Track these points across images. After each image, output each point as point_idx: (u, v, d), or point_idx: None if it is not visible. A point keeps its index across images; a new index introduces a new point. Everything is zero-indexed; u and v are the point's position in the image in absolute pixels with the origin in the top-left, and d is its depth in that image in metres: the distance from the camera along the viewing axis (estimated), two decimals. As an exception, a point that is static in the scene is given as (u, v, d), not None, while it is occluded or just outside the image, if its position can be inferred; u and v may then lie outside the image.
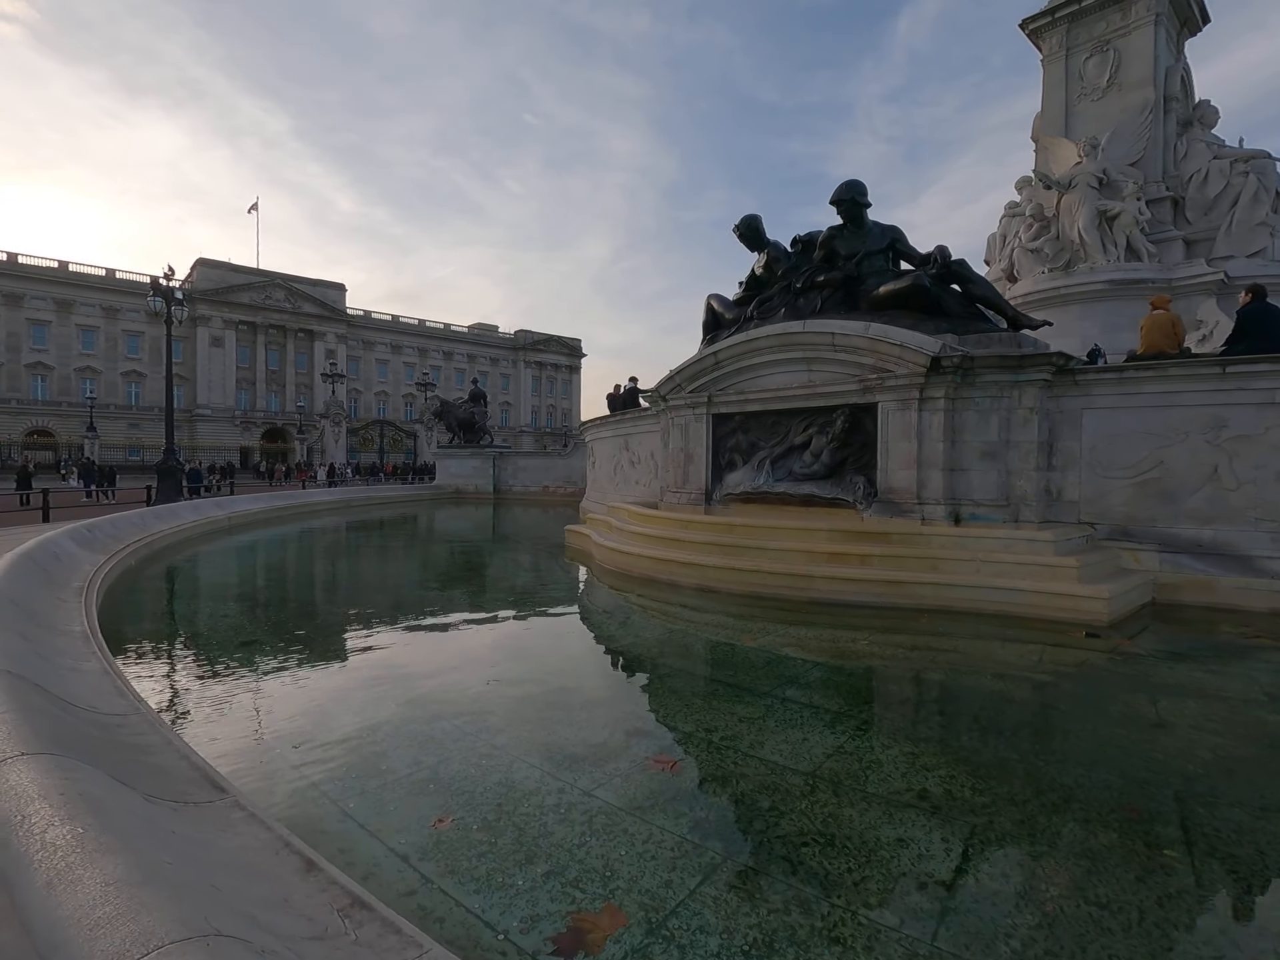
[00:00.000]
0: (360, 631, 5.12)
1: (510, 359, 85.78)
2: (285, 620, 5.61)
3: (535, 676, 4.06)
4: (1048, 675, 4.11)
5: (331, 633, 5.16)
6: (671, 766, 2.83)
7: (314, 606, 6.33)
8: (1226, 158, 14.12)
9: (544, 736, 3.14)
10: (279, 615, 5.81)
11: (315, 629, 5.33)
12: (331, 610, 6.10)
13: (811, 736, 3.17)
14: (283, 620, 5.59)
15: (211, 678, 3.98)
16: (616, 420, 12.54)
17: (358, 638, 4.94)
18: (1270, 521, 5.58)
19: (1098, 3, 15.67)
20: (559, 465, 23.17)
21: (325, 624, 5.49)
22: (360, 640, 4.87)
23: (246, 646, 4.63)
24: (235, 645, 4.68)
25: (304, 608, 6.23)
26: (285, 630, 5.20)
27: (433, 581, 7.72)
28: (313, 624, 5.52)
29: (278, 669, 4.15)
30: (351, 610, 5.95)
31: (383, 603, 6.28)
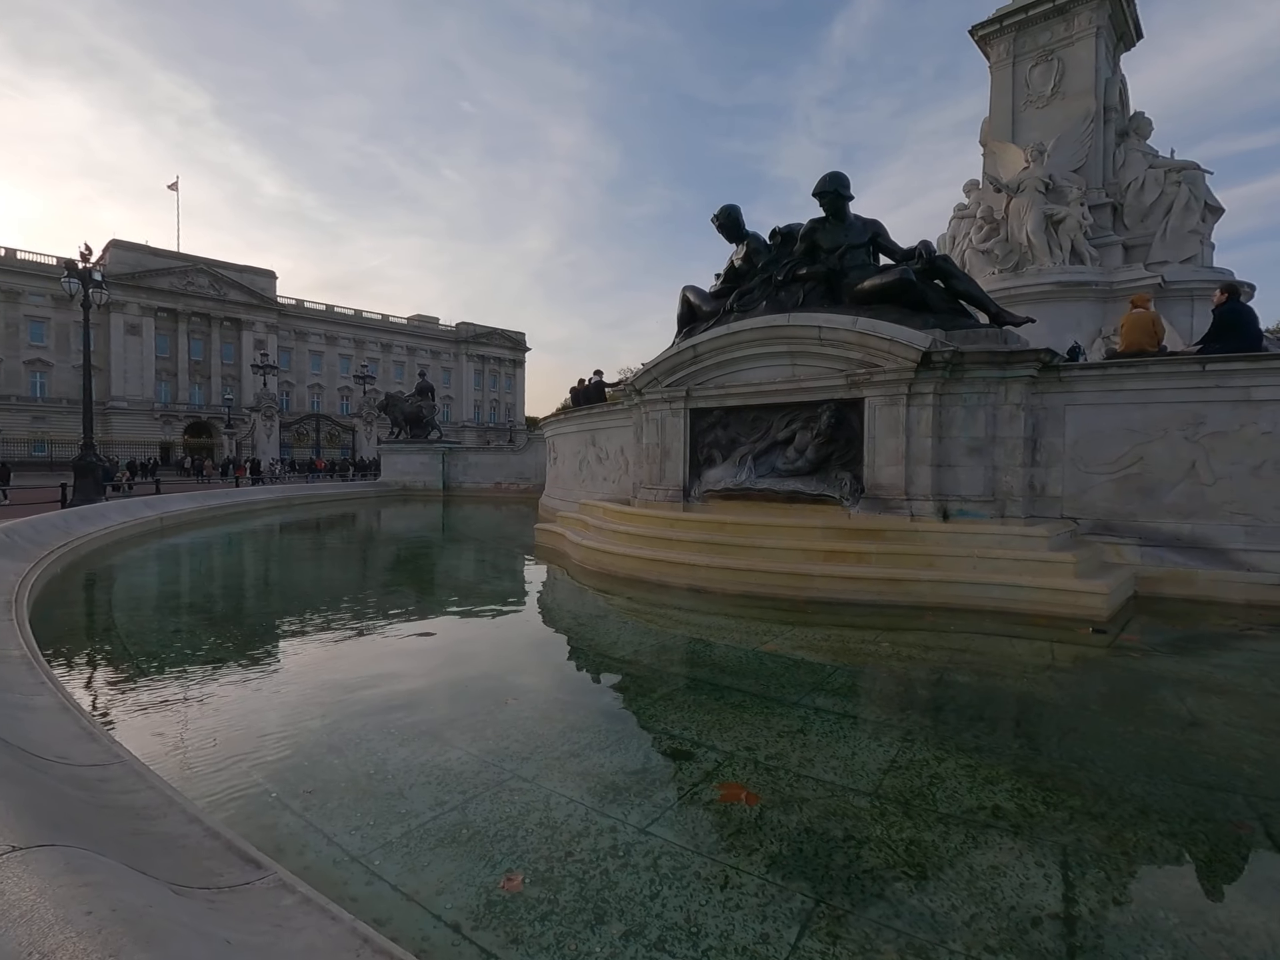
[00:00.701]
0: (340, 645, 4.66)
1: (452, 352, 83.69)
2: (248, 634, 5.07)
3: (548, 693, 3.75)
4: (1067, 673, 4.07)
5: (304, 648, 4.68)
6: (729, 794, 2.58)
7: (275, 617, 5.78)
8: (1161, 167, 14.85)
9: (576, 765, 2.84)
10: (240, 629, 5.26)
11: (282, 643, 4.83)
12: (298, 622, 5.56)
13: (860, 751, 2.99)
14: (245, 634, 5.06)
15: (179, 703, 3.49)
16: (582, 415, 12.19)
17: (338, 653, 4.49)
18: (1244, 515, 5.77)
19: (1043, 13, 16.21)
20: (512, 461, 22.56)
21: (294, 638, 4.99)
22: (344, 656, 4.42)
23: (211, 665, 4.13)
24: (197, 663, 4.16)
25: (265, 619, 5.69)
26: (251, 645, 4.68)
27: (405, 588, 7.19)
28: (278, 638, 5.00)
29: (254, 691, 3.69)
30: (323, 621, 5.44)
31: (359, 612, 5.79)
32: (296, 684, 3.84)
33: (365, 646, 4.62)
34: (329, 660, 4.32)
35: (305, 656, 4.44)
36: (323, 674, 4.03)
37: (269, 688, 3.78)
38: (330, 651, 4.50)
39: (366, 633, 4.97)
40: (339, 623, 5.27)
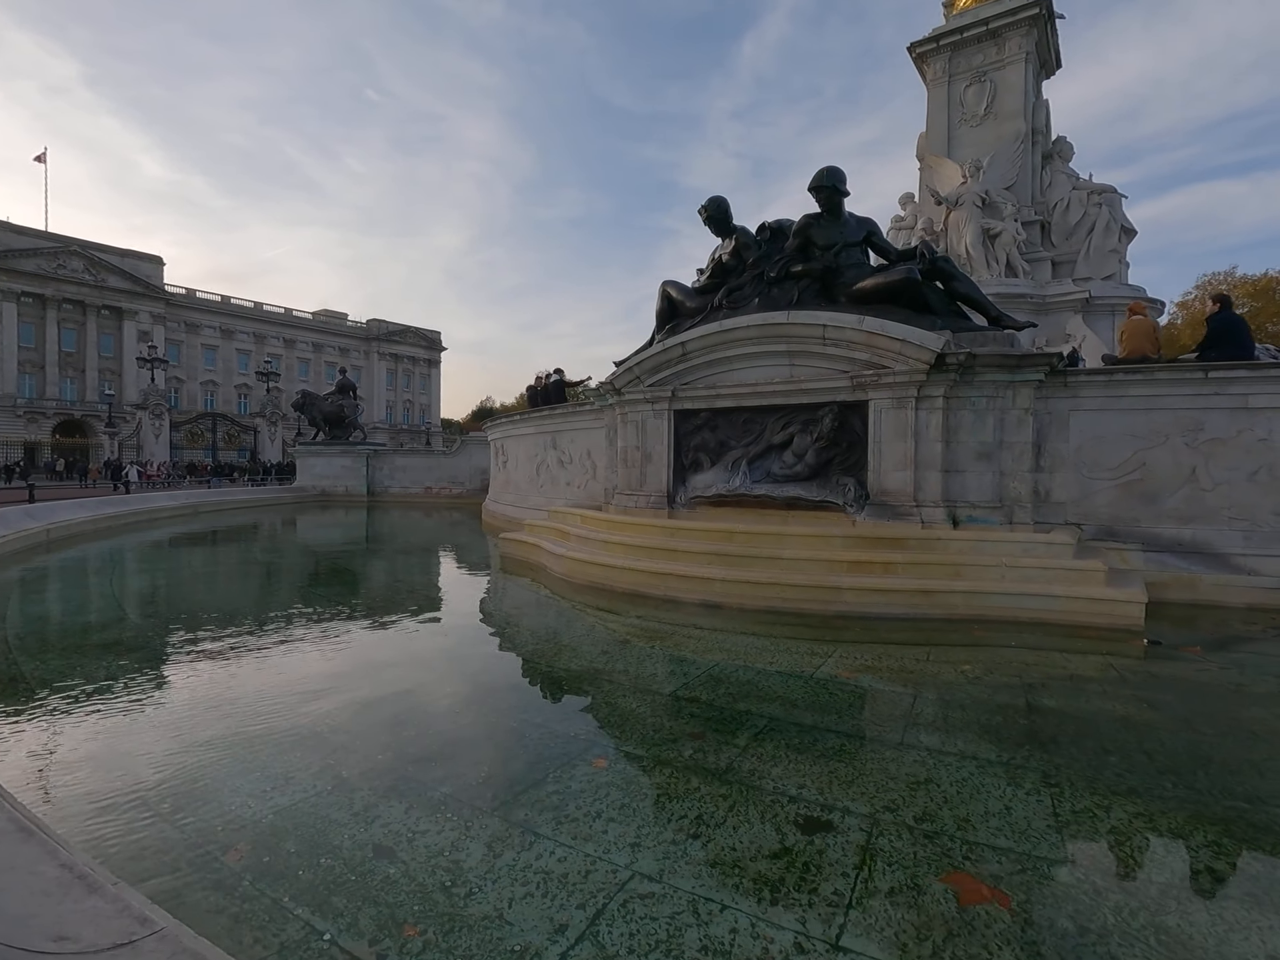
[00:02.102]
0: (308, 686, 3.83)
1: (362, 350, 79.64)
2: (179, 677, 4.12)
3: (618, 746, 3.13)
4: (1147, 689, 3.85)
5: (266, 690, 3.81)
6: (971, 894, 2.08)
7: (210, 653, 4.79)
8: (1084, 189, 15.78)
9: (700, 850, 2.28)
10: (167, 671, 4.29)
11: (229, 685, 3.93)
12: (243, 657, 4.61)
13: (1014, 804, 2.58)
14: (177, 677, 4.10)
15: (128, 786, 2.64)
16: (541, 416, 11.46)
17: (308, 693, 3.67)
18: (1242, 520, 5.89)
19: (976, 36, 16.89)
20: (444, 465, 21.32)
21: (246, 679, 4.08)
22: (313, 696, 3.61)
23: (142, 711, 3.24)
24: (131, 713, 3.26)
25: (199, 655, 4.70)
26: (192, 694, 3.77)
27: (375, 611, 6.22)
28: (223, 680, 4.08)
29: (197, 761, 2.87)
30: (277, 654, 4.53)
31: (328, 638, 4.89)
32: (260, 735, 3.04)
33: (379, 701, 3.83)
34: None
35: (258, 704, 3.60)
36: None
37: (219, 748, 2.97)
38: (291, 694, 3.68)
39: (358, 667, 4.15)
40: (287, 655, 4.40)
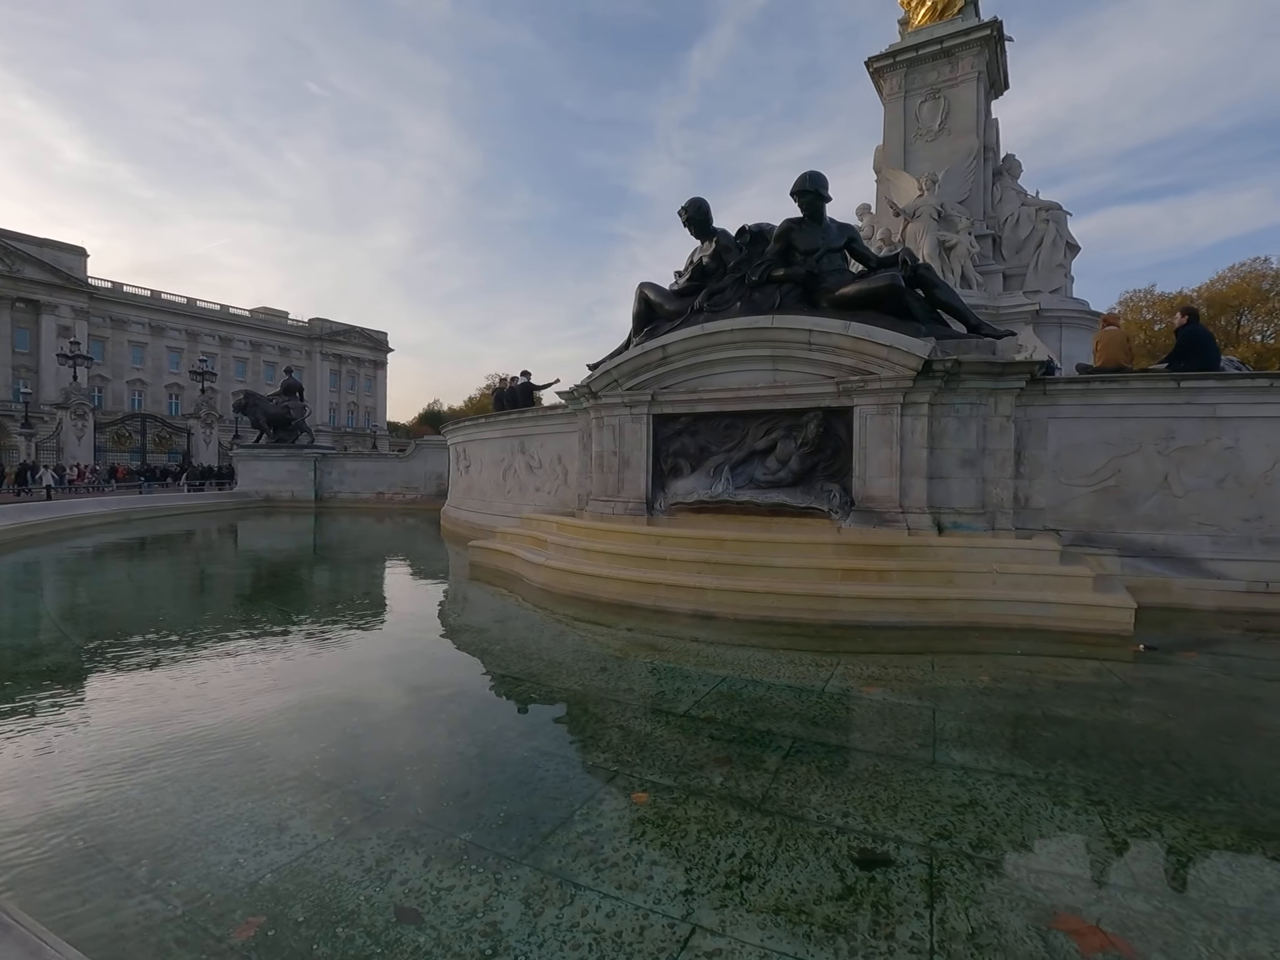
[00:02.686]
0: (286, 716, 3.47)
1: (304, 350, 76.90)
2: (141, 720, 3.69)
3: (643, 775, 2.91)
4: (1158, 697, 3.86)
5: (243, 721, 3.43)
6: (1090, 940, 1.94)
7: (169, 684, 4.33)
8: (1032, 206, 16.40)
9: (759, 896, 2.09)
10: (118, 706, 3.84)
11: (199, 718, 3.53)
12: (208, 682, 4.16)
13: (1066, 825, 2.50)
14: (132, 712, 3.67)
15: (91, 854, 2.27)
16: (507, 419, 11.11)
17: (286, 726, 3.33)
18: (1211, 526, 6.09)
19: (931, 54, 17.38)
20: (397, 469, 20.57)
21: (223, 709, 3.68)
22: (292, 729, 3.27)
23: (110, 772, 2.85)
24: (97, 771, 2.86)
25: (165, 691, 4.23)
26: (158, 736, 3.36)
27: (343, 627, 5.82)
28: (192, 714, 3.67)
29: (175, 823, 2.53)
30: (247, 679, 4.12)
31: (294, 668, 4.49)
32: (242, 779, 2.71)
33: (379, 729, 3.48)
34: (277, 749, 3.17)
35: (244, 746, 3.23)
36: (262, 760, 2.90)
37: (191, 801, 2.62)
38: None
39: (337, 694, 3.80)
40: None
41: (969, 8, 17.86)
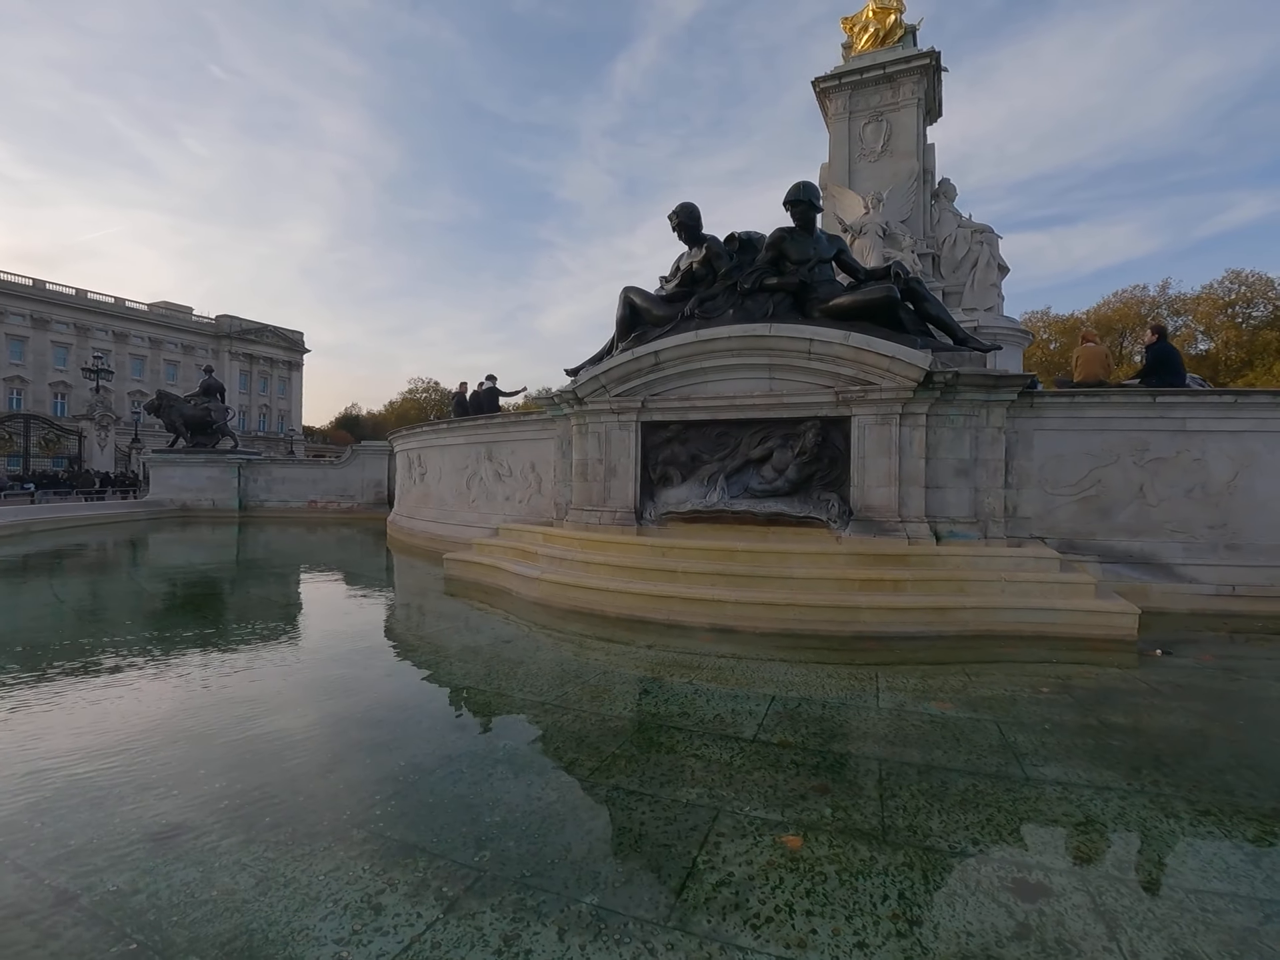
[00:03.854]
0: (357, 766, 3.06)
1: (210, 348, 72.05)
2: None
3: (740, 810, 2.70)
4: (1191, 700, 3.98)
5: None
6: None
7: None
8: (968, 228, 17.31)
9: (937, 939, 1.93)
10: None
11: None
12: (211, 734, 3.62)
13: (1195, 842, 2.47)
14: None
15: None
16: (473, 425, 10.61)
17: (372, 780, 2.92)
18: (1182, 533, 6.47)
19: (874, 78, 18.09)
20: (331, 477, 19.39)
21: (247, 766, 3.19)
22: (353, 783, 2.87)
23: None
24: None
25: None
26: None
27: (332, 654, 5.27)
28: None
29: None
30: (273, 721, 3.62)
31: (312, 705, 3.99)
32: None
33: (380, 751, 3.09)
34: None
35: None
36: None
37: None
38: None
39: (363, 738, 3.38)
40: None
41: (908, 37, 18.76)
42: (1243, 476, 6.34)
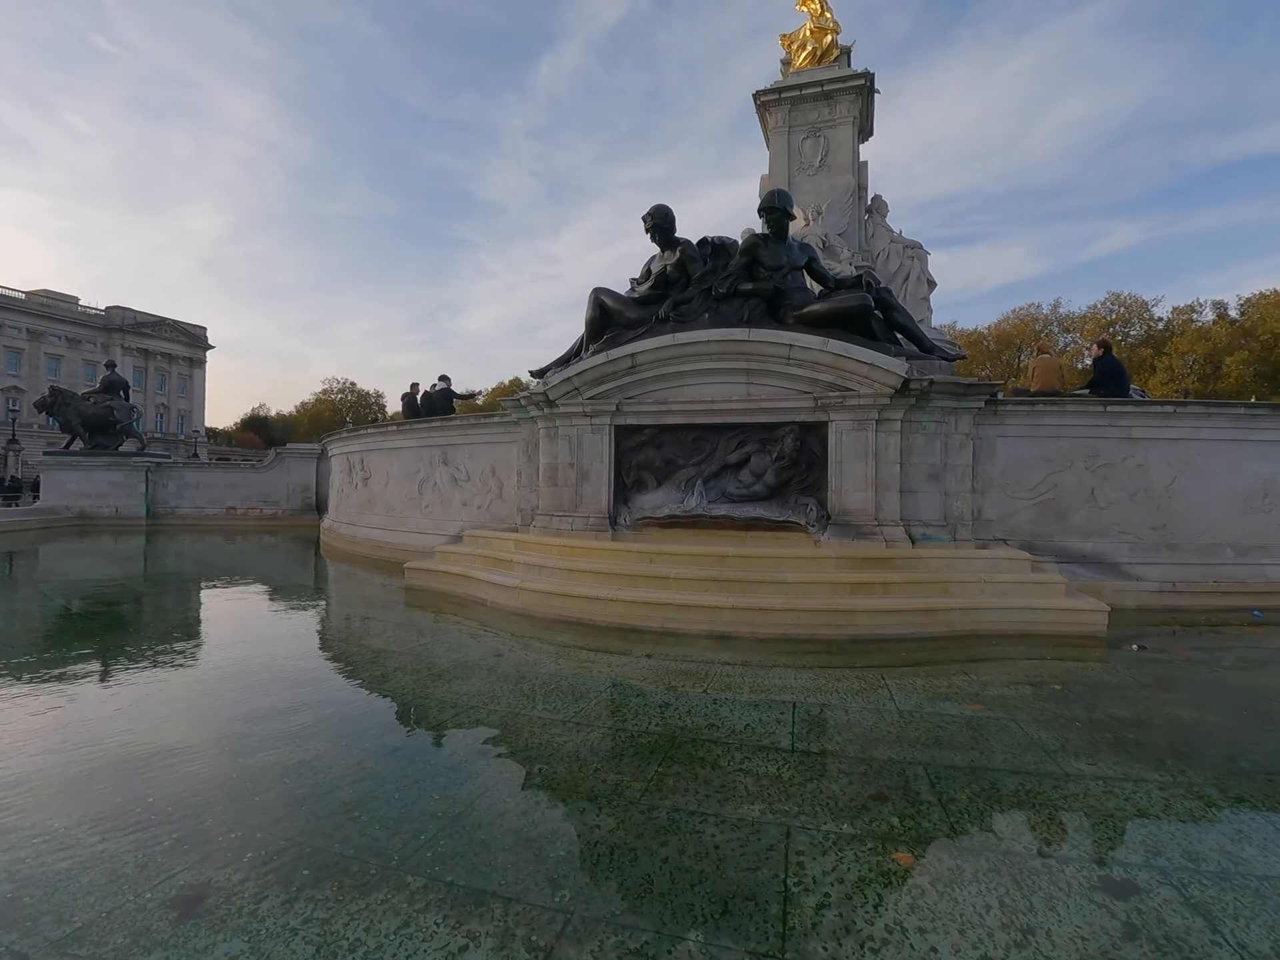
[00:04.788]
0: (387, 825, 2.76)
1: (100, 342, 66.38)
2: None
3: (811, 825, 2.61)
4: (1180, 691, 4.24)
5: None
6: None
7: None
8: (899, 243, 18.14)
9: (1054, 948, 1.91)
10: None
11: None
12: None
13: (1244, 829, 2.58)
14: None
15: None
16: (427, 428, 10.13)
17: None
18: (1128, 535, 6.93)
19: (812, 95, 18.70)
20: (253, 481, 18.10)
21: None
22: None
23: None
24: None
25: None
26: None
27: (362, 679, 4.77)
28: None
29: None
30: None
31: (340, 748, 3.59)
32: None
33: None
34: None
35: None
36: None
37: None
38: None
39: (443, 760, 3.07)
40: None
41: (843, 57, 19.53)
42: (1179, 481, 6.87)
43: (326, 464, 16.32)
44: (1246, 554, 6.87)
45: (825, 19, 19.68)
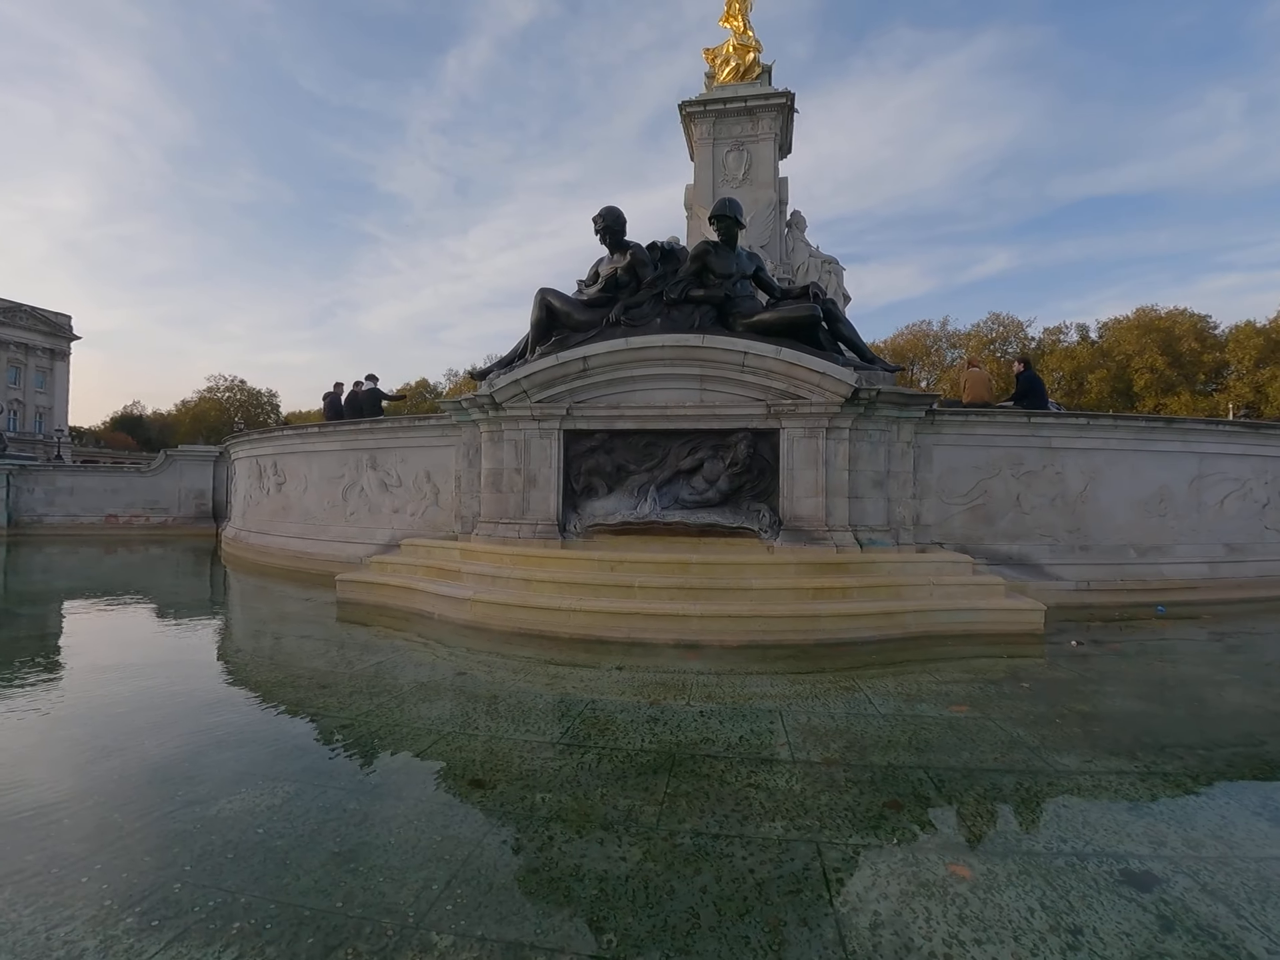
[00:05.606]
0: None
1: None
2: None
3: (839, 840, 2.56)
4: (1126, 684, 4.53)
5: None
6: None
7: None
8: (818, 258, 18.89)
9: (1108, 949, 1.95)
10: None
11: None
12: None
13: (1229, 816, 2.76)
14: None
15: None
16: (353, 430, 9.49)
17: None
18: (1048, 537, 7.45)
19: (736, 110, 19.18)
20: (138, 486, 16.37)
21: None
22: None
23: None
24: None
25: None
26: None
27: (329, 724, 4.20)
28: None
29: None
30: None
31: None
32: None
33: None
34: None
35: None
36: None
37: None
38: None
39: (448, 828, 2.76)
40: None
41: (765, 75, 20.17)
42: (1091, 488, 7.47)
43: (227, 468, 15.03)
44: (1146, 554, 7.57)
45: (748, 37, 20.25)
